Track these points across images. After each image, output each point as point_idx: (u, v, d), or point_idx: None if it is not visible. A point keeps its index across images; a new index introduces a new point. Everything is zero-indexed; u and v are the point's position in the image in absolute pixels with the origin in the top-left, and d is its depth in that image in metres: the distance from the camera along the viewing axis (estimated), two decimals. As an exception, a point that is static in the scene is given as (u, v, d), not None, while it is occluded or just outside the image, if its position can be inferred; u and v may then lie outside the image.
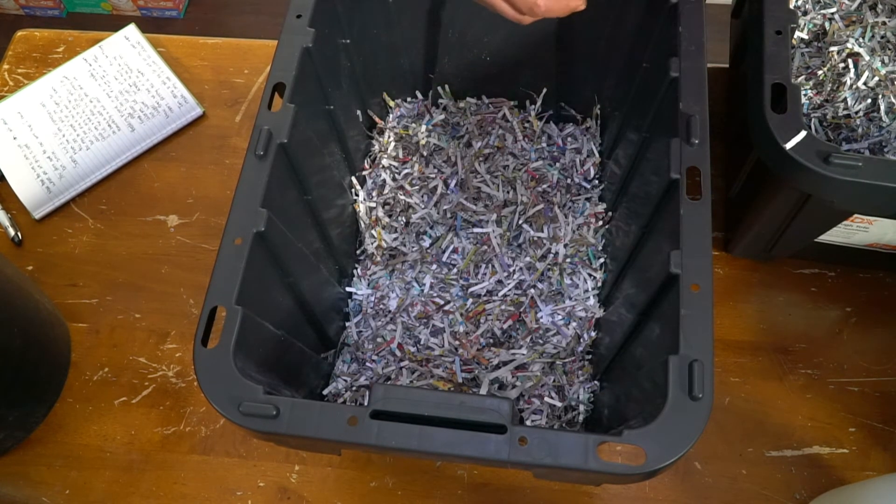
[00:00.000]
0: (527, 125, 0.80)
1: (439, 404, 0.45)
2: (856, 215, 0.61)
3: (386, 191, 0.76)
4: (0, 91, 0.87)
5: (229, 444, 0.67)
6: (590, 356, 0.69)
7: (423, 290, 0.72)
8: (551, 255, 0.72)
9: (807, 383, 0.69)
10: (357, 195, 0.75)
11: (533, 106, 0.80)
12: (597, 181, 0.77)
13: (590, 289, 0.71)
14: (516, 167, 0.77)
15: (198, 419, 0.69)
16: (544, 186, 0.76)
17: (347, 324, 0.72)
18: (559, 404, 0.65)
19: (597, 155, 0.78)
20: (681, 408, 0.44)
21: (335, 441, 0.44)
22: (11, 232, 0.78)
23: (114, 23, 1.91)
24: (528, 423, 0.65)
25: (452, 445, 0.43)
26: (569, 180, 0.77)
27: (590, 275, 0.71)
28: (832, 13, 0.67)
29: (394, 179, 0.77)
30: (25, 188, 0.80)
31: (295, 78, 0.58)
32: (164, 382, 0.70)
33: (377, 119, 0.80)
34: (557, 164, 0.78)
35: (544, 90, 0.78)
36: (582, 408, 0.66)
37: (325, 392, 0.67)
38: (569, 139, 0.80)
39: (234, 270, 0.50)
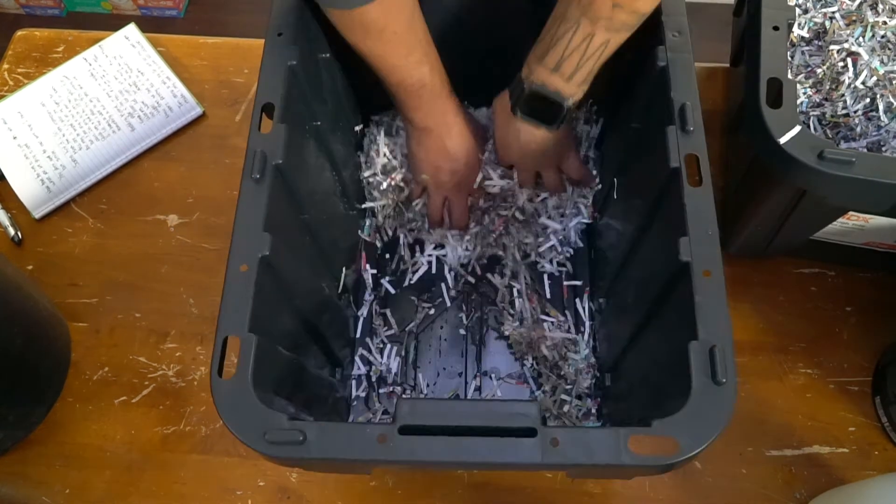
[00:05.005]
0: None
1: (467, 413, 0.44)
2: (851, 212, 0.61)
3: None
4: (0, 91, 0.87)
5: (229, 444, 0.67)
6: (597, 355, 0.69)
7: None
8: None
9: (807, 383, 0.69)
10: (353, 208, 0.75)
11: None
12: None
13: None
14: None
15: (198, 419, 0.69)
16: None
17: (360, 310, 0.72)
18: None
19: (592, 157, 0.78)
20: (707, 394, 0.44)
21: (367, 461, 0.44)
22: (11, 232, 0.78)
23: (114, 22, 1.90)
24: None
25: (486, 454, 0.43)
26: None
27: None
28: (833, 12, 0.67)
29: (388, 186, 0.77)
30: (25, 188, 0.80)
31: (283, 97, 0.57)
32: (163, 382, 0.70)
33: (367, 127, 0.79)
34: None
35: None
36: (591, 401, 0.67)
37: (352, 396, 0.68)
38: None
39: (244, 298, 0.49)
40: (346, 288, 0.72)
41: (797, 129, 0.56)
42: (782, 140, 0.56)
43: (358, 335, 0.72)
